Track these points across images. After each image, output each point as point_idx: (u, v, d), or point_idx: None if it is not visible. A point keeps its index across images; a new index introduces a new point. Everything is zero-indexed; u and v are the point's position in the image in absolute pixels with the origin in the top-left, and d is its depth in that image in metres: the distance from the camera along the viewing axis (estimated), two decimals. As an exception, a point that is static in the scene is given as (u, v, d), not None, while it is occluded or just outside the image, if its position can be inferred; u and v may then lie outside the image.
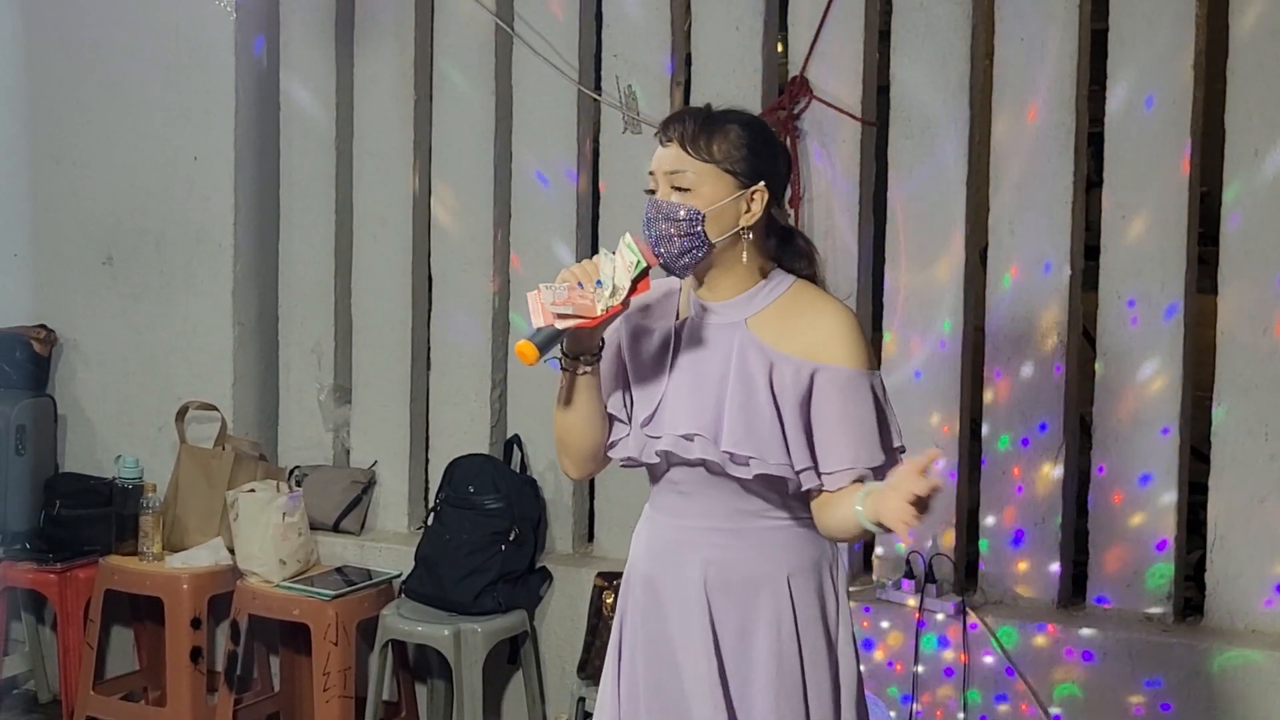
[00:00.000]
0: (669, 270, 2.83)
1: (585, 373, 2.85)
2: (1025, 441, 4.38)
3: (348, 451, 5.40)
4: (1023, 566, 4.40)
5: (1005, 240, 4.39)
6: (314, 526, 5.10)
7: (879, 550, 4.59)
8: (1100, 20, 4.30)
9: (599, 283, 2.75)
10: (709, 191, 2.79)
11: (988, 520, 4.45)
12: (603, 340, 2.86)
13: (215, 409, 5.29)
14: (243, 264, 5.39)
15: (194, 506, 5.19)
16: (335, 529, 5.21)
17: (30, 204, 5.67)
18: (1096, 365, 4.34)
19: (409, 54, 5.15)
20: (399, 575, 4.94)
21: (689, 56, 4.80)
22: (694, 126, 2.81)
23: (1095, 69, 4.34)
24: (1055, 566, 4.37)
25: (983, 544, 4.47)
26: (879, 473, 2.78)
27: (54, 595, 5.18)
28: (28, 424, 5.36)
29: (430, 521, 4.92)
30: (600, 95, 4.86)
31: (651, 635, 2.93)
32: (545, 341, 2.73)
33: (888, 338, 4.55)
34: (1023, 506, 4.40)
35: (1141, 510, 4.26)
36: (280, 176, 5.41)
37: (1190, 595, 4.38)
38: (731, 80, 4.65)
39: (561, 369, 2.86)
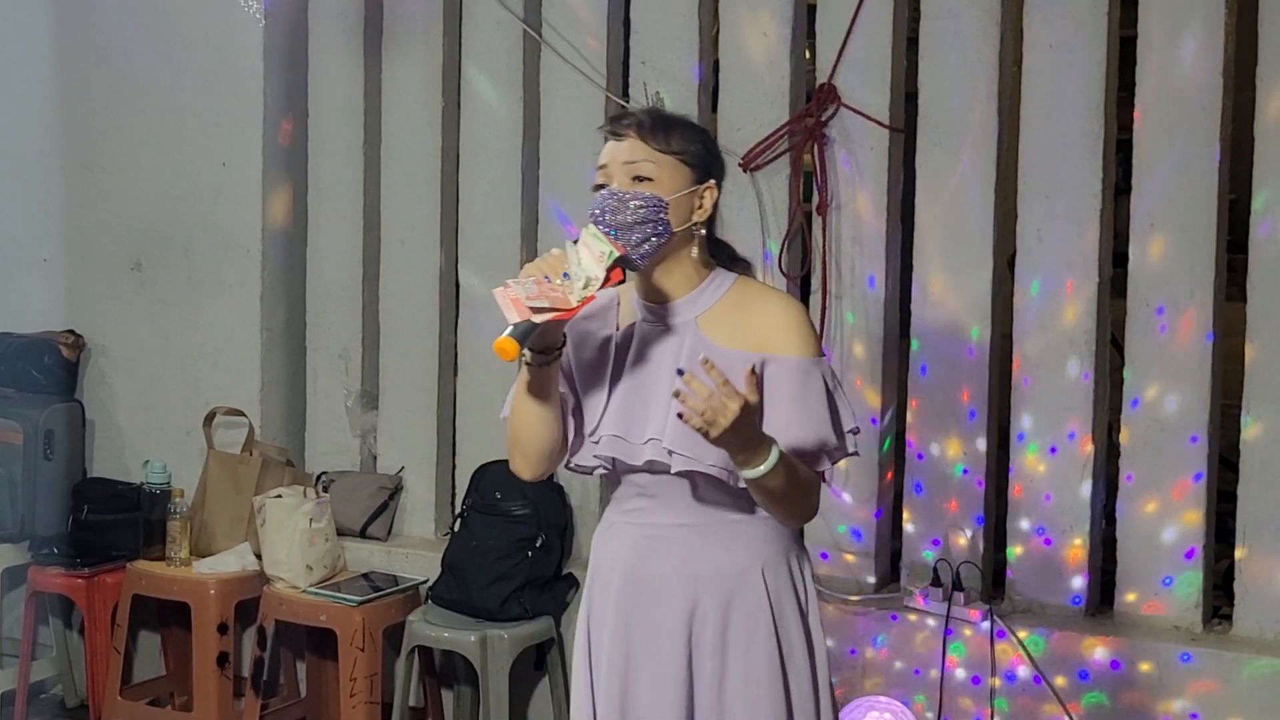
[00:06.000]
0: (627, 262, 2.81)
1: (548, 363, 2.84)
2: (1053, 449, 4.37)
3: (375, 457, 5.41)
4: (1051, 575, 4.39)
5: (1033, 248, 4.38)
6: (341, 532, 5.11)
7: (907, 558, 4.59)
8: (1129, 27, 4.29)
9: (566, 275, 2.75)
10: (669, 181, 2.83)
11: (1016, 528, 4.44)
12: (564, 335, 2.86)
13: (243, 414, 5.30)
14: (270, 270, 5.40)
15: (221, 512, 5.20)
16: (362, 535, 5.22)
17: (60, 209, 5.70)
18: (1125, 373, 4.33)
19: (437, 60, 5.16)
20: (425, 581, 4.94)
21: (717, 63, 4.81)
22: (651, 121, 2.86)
23: (1124, 76, 4.34)
24: (1083, 575, 4.36)
25: (1010, 552, 4.46)
26: (832, 454, 2.81)
27: (82, 600, 5.20)
28: (56, 429, 5.38)
29: (457, 527, 4.92)
30: (628, 102, 4.86)
31: (629, 630, 2.93)
32: (524, 336, 2.71)
33: (915, 345, 4.54)
34: (1051, 514, 4.38)
35: (1169, 519, 4.25)
36: (308, 183, 5.43)
37: (1219, 604, 4.37)
38: (759, 87, 4.65)
39: (527, 364, 2.84)
